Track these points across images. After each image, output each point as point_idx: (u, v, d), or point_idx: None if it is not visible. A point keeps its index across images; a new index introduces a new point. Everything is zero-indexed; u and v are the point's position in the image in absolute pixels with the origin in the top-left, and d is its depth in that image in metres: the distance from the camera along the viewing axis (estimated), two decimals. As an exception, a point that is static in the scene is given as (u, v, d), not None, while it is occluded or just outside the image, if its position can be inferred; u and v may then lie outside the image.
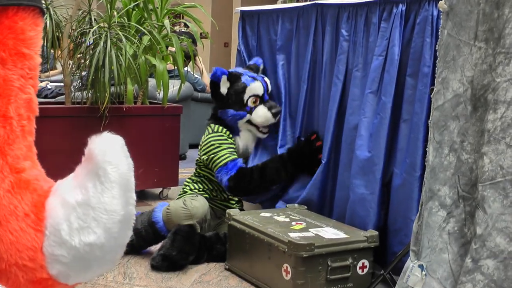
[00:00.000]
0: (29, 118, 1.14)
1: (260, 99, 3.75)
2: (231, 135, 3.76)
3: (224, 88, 3.69)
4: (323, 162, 3.50)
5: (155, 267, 3.33)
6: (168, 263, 3.32)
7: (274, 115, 3.76)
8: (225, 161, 3.64)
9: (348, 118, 3.37)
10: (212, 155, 3.68)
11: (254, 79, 3.75)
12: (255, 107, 3.73)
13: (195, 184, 3.82)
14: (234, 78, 3.73)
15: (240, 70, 3.88)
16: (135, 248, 3.52)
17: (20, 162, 1.10)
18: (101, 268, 1.11)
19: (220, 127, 3.75)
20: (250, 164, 3.88)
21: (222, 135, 3.73)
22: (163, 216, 3.47)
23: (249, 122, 3.76)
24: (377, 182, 3.16)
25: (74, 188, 1.06)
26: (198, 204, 3.47)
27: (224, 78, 3.69)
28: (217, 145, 3.69)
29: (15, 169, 1.09)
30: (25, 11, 1.12)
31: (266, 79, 3.87)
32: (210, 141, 3.71)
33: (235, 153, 3.71)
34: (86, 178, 1.05)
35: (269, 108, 3.75)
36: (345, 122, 3.39)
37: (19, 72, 1.11)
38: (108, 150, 1.06)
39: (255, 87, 3.72)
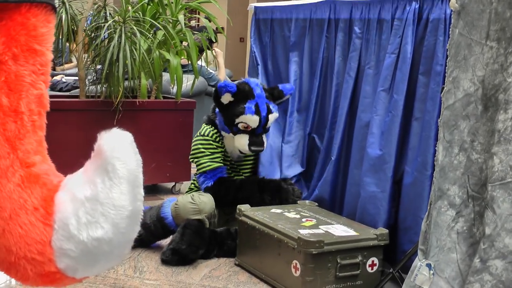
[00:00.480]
0: (40, 113, 1.14)
1: (252, 129, 3.65)
2: (218, 138, 3.74)
3: (224, 100, 3.63)
4: (332, 159, 3.51)
5: (165, 261, 3.36)
6: (178, 257, 3.34)
7: (252, 151, 3.67)
8: (204, 169, 3.66)
9: (360, 115, 3.37)
10: (195, 160, 3.73)
11: (256, 112, 3.60)
12: (243, 131, 3.65)
13: None
14: (240, 96, 3.62)
15: (257, 90, 3.68)
16: (144, 242, 3.55)
17: (30, 156, 1.10)
18: (109, 262, 1.12)
19: (209, 130, 3.74)
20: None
21: (208, 140, 3.72)
22: (172, 212, 3.49)
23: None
24: (388, 180, 3.16)
25: (83, 183, 1.06)
26: (206, 199, 3.49)
27: (227, 95, 3.60)
28: (201, 150, 3.70)
29: (26, 163, 1.09)
30: (38, 8, 1.12)
31: (272, 115, 3.67)
32: (196, 145, 3.74)
33: (218, 158, 3.70)
34: (95, 174, 1.06)
35: (251, 143, 3.64)
36: (356, 119, 3.39)
37: (31, 68, 1.12)
38: (117, 146, 1.06)
39: (249, 120, 3.61)
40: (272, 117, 3.68)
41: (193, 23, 12.04)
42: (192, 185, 3.85)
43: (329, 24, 3.65)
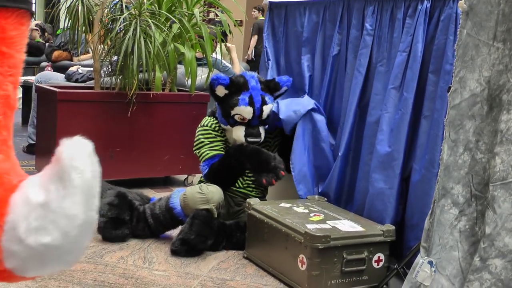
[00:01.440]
0: (5, 113, 1.14)
1: (248, 121, 3.71)
2: (218, 127, 3.81)
3: (219, 93, 3.71)
4: (339, 154, 3.54)
5: (174, 252, 3.41)
6: (187, 247, 3.39)
7: (248, 142, 3.69)
8: (204, 158, 3.76)
9: (371, 112, 3.39)
10: (196, 151, 3.82)
11: (250, 103, 3.67)
12: (240, 123, 3.71)
13: None
14: (234, 89, 3.70)
15: (252, 82, 3.76)
16: (154, 232, 3.61)
17: None
18: (59, 266, 1.12)
19: (209, 121, 3.84)
20: None
21: (207, 129, 3.81)
22: (180, 202, 3.55)
23: None
24: (396, 177, 3.19)
25: (38, 188, 1.06)
26: (214, 189, 3.55)
27: (220, 88, 3.68)
28: (201, 140, 3.79)
29: None
30: (8, 11, 1.12)
31: (266, 107, 3.73)
32: (197, 136, 3.84)
33: (217, 146, 3.77)
34: (50, 180, 1.05)
35: (247, 135, 3.69)
36: (367, 116, 3.41)
37: None
38: (76, 155, 1.05)
39: (243, 111, 3.67)
40: (267, 108, 3.73)
41: (212, 15, 12.08)
42: (202, 177, 3.89)
43: (342, 21, 3.67)
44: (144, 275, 3.10)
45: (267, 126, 3.84)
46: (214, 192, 3.54)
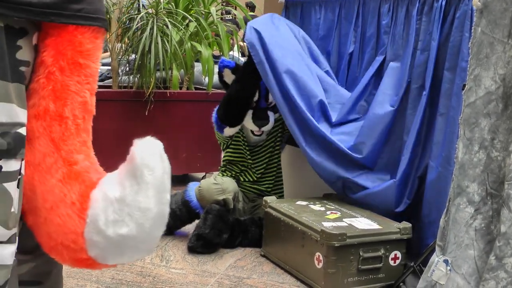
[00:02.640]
0: (84, 118, 1.26)
1: (256, 104, 3.75)
2: None
3: (227, 79, 3.75)
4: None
5: (191, 248, 3.44)
6: (202, 242, 3.42)
7: (257, 125, 3.74)
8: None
9: (375, 107, 3.42)
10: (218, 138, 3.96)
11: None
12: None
13: (223, 173, 3.93)
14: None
15: None
16: (171, 228, 3.66)
17: (73, 155, 1.22)
18: (136, 254, 1.24)
19: None
20: None
21: None
22: (196, 194, 3.61)
23: None
24: (402, 171, 3.23)
25: (115, 184, 1.17)
26: (228, 179, 3.65)
27: (226, 71, 3.74)
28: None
29: (68, 161, 1.22)
30: (85, 28, 1.24)
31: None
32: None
33: None
34: (125, 177, 1.16)
35: (255, 118, 3.74)
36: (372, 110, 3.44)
37: (76, 79, 1.24)
38: (147, 154, 1.16)
39: None
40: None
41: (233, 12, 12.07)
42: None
43: (357, 18, 3.67)
44: (162, 273, 3.12)
45: (278, 114, 3.84)
46: (229, 182, 3.62)
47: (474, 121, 2.28)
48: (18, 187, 1.16)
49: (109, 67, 5.45)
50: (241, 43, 6.54)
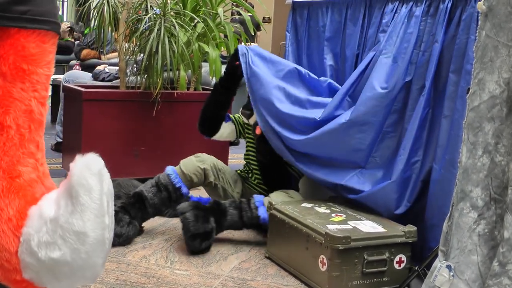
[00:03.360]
0: (29, 127, 1.17)
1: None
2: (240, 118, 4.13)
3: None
4: None
5: (192, 250, 3.42)
6: (199, 239, 3.40)
7: (246, 116, 3.99)
8: None
9: None
10: None
11: None
12: None
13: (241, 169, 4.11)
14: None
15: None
16: (160, 212, 3.81)
17: (15, 167, 1.14)
18: (75, 282, 1.14)
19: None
20: None
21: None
22: (177, 169, 3.72)
23: None
24: (399, 172, 3.22)
25: (52, 202, 1.10)
26: (207, 155, 3.85)
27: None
28: None
29: (9, 174, 1.13)
30: (28, 31, 1.16)
31: None
32: None
33: None
34: (61, 195, 1.08)
35: (244, 108, 3.99)
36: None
37: (19, 86, 1.16)
38: (85, 173, 1.07)
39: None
40: None
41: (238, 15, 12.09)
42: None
43: (363, 20, 3.66)
44: (166, 275, 3.12)
45: None
46: (207, 157, 3.83)
47: (478, 125, 2.27)
48: None
49: (118, 67, 5.47)
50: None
